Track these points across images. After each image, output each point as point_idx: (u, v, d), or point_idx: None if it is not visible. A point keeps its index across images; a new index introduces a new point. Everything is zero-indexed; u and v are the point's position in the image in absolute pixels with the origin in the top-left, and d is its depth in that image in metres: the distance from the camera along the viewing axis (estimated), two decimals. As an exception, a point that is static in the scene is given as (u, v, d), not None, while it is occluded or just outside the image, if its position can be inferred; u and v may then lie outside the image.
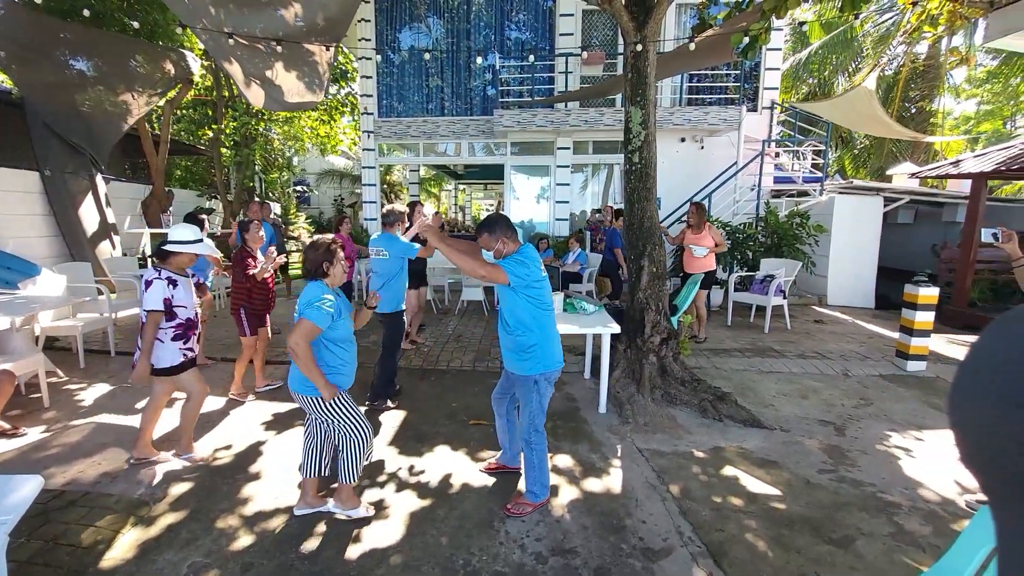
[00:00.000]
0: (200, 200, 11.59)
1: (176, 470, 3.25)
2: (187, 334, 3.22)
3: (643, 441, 3.71)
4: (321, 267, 2.62)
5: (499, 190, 21.70)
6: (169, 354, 3.14)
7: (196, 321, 3.32)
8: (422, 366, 5.24)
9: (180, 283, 3.16)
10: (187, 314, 3.21)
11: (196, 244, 3.22)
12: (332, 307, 2.52)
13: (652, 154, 4.55)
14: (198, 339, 3.55)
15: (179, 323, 3.17)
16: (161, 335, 3.12)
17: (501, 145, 9.82)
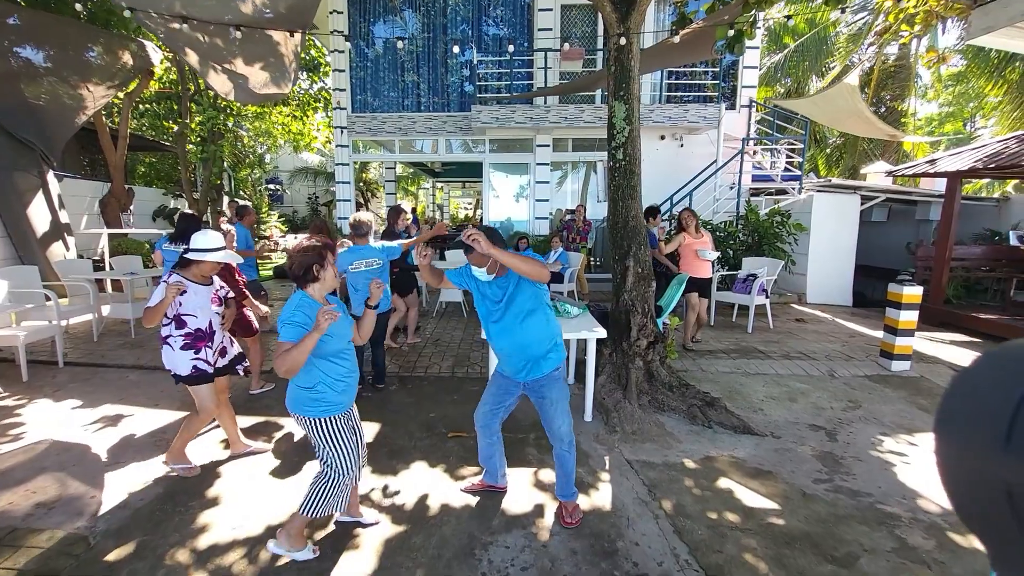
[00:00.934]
0: (165, 199, 11.05)
1: (123, 498, 2.94)
2: (198, 345, 3.01)
3: (632, 451, 3.53)
4: (310, 270, 2.33)
5: (477, 188, 21.46)
6: (181, 362, 2.99)
7: (211, 332, 3.08)
8: (398, 372, 4.98)
9: (191, 290, 2.97)
10: (198, 324, 3.01)
11: (217, 252, 3.02)
12: (301, 321, 2.24)
13: (637, 150, 4.38)
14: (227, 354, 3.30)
15: (188, 332, 2.98)
16: (172, 342, 2.97)
17: (479, 142, 9.58)
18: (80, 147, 10.43)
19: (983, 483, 0.35)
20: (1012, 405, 0.33)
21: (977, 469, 0.36)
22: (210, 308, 3.08)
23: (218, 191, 11.42)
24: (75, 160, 10.57)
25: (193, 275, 3.01)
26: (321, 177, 18.86)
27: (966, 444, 0.37)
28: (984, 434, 0.35)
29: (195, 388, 3.05)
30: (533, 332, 2.55)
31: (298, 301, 2.30)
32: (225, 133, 11.03)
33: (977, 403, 0.37)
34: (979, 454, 0.35)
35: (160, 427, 3.81)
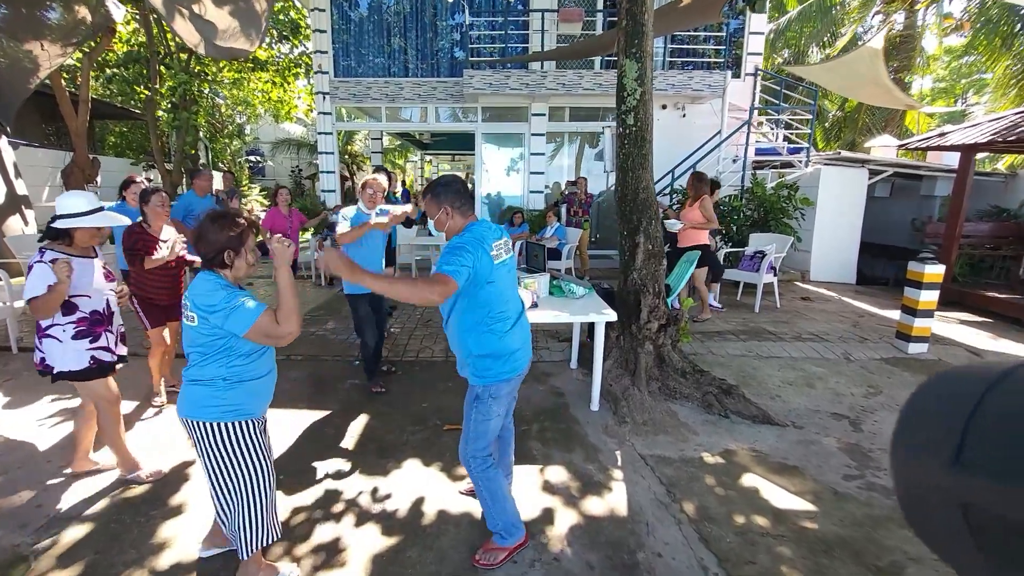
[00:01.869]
0: (135, 169, 10.39)
1: (74, 507, 2.57)
2: (95, 331, 2.52)
3: (645, 445, 3.24)
4: (221, 255, 1.87)
5: (468, 161, 20.79)
6: (72, 355, 2.48)
7: (109, 314, 2.62)
8: (387, 357, 4.62)
9: (75, 266, 2.42)
10: (93, 305, 2.51)
11: (92, 216, 2.47)
12: (243, 295, 1.85)
13: (648, 115, 3.97)
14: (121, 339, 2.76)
15: (81, 317, 2.48)
16: (57, 332, 2.44)
17: (471, 111, 9.04)
18: (41, 114, 9.69)
19: (938, 503, 0.35)
20: (961, 425, 0.33)
21: (931, 489, 0.35)
22: (103, 285, 2.59)
23: (194, 162, 10.77)
24: (36, 129, 9.83)
25: (70, 248, 2.48)
26: (304, 149, 18.08)
27: (919, 464, 0.37)
28: (936, 454, 0.34)
29: (89, 384, 2.55)
30: (452, 332, 2.17)
31: (222, 284, 1.85)
32: (199, 100, 10.33)
33: (928, 424, 0.37)
34: (932, 474, 0.35)
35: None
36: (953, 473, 0.33)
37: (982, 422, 0.33)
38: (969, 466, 0.32)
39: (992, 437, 0.32)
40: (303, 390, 3.97)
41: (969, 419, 0.33)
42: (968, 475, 0.32)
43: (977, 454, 0.32)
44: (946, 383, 0.38)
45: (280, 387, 3.98)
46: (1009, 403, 0.33)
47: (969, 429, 0.33)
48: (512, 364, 2.16)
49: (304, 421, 3.50)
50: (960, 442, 0.33)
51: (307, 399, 3.82)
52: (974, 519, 0.33)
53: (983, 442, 0.32)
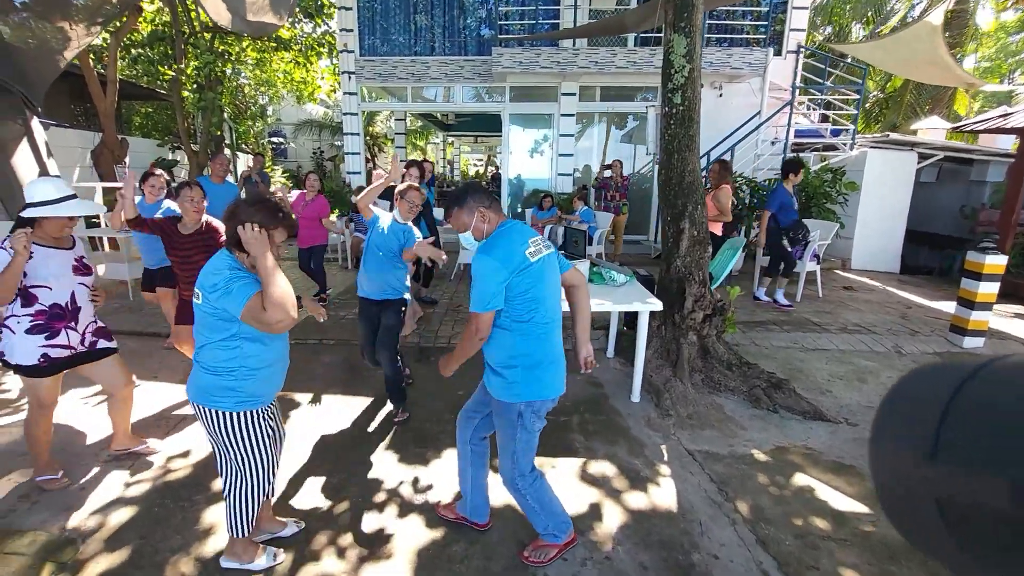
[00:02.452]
0: (161, 150, 10.42)
1: (116, 490, 2.56)
2: (52, 326, 2.35)
3: (691, 440, 3.12)
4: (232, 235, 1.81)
5: (491, 143, 20.52)
6: (22, 350, 2.32)
7: (74, 309, 2.43)
8: (419, 343, 4.55)
9: (39, 254, 2.29)
10: (54, 298, 2.35)
11: (61, 204, 2.30)
12: (244, 275, 1.77)
13: (696, 93, 3.77)
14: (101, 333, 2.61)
15: (40, 310, 2.31)
16: (12, 323, 2.29)
17: (497, 91, 8.81)
18: (71, 95, 9.73)
19: (915, 496, 0.35)
20: (936, 419, 0.33)
21: (908, 483, 0.35)
22: (70, 277, 2.40)
23: (218, 143, 10.76)
24: (66, 110, 9.89)
25: (39, 236, 2.32)
26: (326, 130, 18.01)
27: (896, 459, 0.37)
28: (912, 448, 0.35)
29: (33, 381, 2.39)
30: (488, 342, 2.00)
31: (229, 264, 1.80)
32: (224, 80, 10.27)
33: (905, 418, 0.37)
34: (909, 468, 0.35)
35: (163, 406, 3.42)
36: (929, 467, 0.33)
37: (956, 415, 0.33)
38: (944, 459, 0.32)
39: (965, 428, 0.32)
40: (337, 375, 3.93)
41: (944, 413, 0.33)
42: (943, 468, 0.32)
43: (952, 447, 0.32)
44: (923, 378, 0.38)
45: (314, 371, 3.99)
46: (981, 395, 0.33)
47: (944, 423, 0.33)
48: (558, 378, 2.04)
49: (340, 406, 3.46)
50: (935, 437, 0.33)
51: (342, 384, 3.77)
52: (950, 512, 0.33)
53: (957, 435, 0.32)
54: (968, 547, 0.33)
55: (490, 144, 20.45)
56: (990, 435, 0.31)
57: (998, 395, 0.32)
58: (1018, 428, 0.30)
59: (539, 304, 1.94)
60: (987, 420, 0.32)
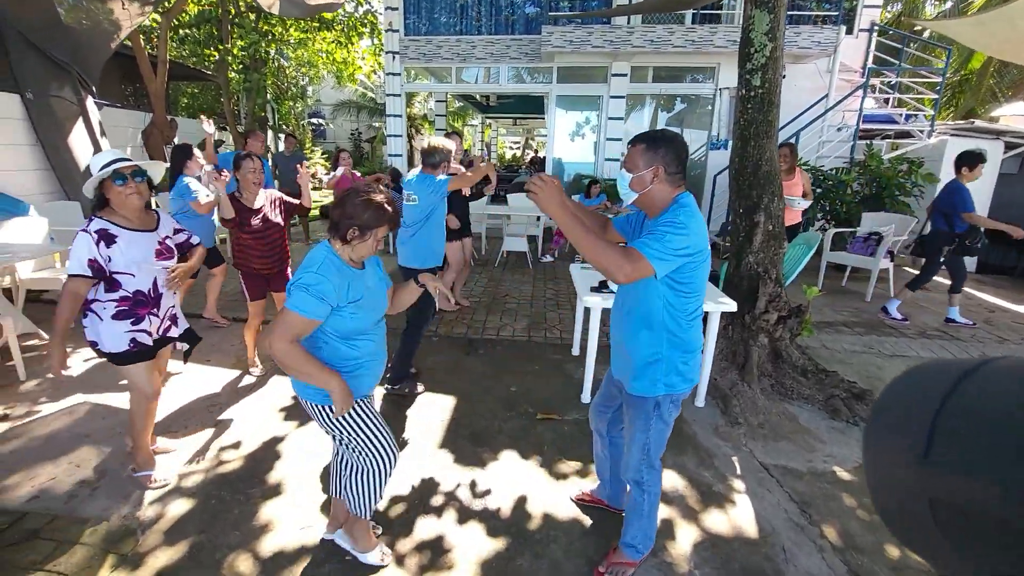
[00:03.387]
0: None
1: (173, 480, 2.52)
2: (137, 312, 2.26)
3: (765, 452, 2.89)
4: (346, 227, 1.68)
5: (528, 126, 20.15)
6: (110, 336, 2.23)
7: (155, 296, 2.32)
8: (466, 334, 4.42)
9: (122, 239, 2.16)
10: (138, 284, 2.24)
11: (118, 162, 2.14)
12: (324, 290, 1.62)
13: (778, 75, 3.45)
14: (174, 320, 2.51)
15: (124, 296, 2.21)
16: (99, 309, 2.21)
17: (543, 72, 8.49)
18: (121, 75, 9.90)
19: (907, 496, 0.35)
20: (930, 419, 0.33)
21: (901, 483, 0.35)
22: (152, 263, 2.28)
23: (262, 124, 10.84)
24: (116, 88, 10.07)
25: (121, 217, 2.19)
26: (364, 112, 17.99)
27: (889, 458, 0.37)
28: (905, 448, 0.34)
29: (127, 369, 2.31)
30: (628, 331, 1.83)
31: (322, 260, 1.67)
32: (267, 61, 10.29)
33: (898, 418, 0.37)
34: (901, 468, 0.35)
35: (213, 391, 3.39)
36: (921, 467, 0.33)
37: (949, 415, 0.33)
38: (936, 460, 0.32)
39: (958, 429, 0.32)
40: (386, 365, 3.83)
41: (937, 413, 0.33)
42: (935, 469, 0.32)
43: (944, 447, 0.32)
44: (918, 376, 0.38)
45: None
46: (975, 396, 0.32)
47: (937, 423, 0.33)
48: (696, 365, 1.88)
49: (389, 399, 3.36)
50: (928, 437, 0.33)
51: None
52: (942, 513, 0.32)
53: (950, 435, 0.32)
54: (960, 548, 0.33)
55: (529, 126, 20.09)
56: (982, 436, 0.31)
57: (992, 396, 0.32)
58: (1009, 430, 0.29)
59: (697, 297, 1.78)
60: (980, 421, 0.31)
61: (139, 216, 2.25)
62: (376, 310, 1.83)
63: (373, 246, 1.74)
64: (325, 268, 1.64)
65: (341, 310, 1.69)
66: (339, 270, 1.68)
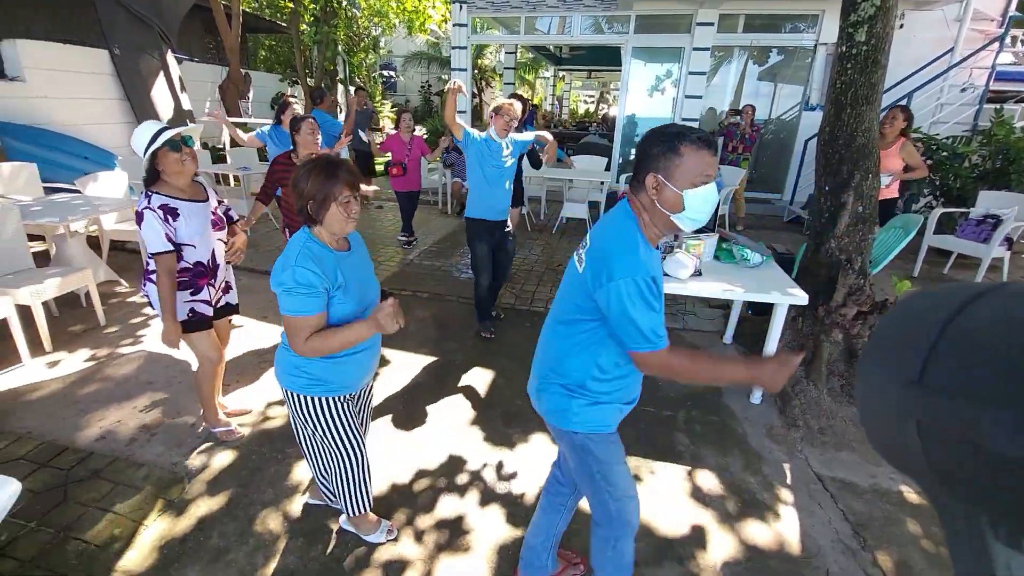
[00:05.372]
0: (281, 85, 10.83)
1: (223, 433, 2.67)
2: (197, 283, 2.31)
3: (822, 462, 2.63)
4: (306, 208, 1.59)
5: (605, 78, 19.07)
6: None
7: (213, 267, 2.37)
8: (513, 304, 4.33)
9: (183, 211, 2.18)
10: (197, 255, 2.28)
11: (164, 132, 2.11)
12: (307, 281, 1.53)
13: (888, 29, 2.92)
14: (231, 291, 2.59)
15: (185, 267, 2.26)
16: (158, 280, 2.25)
17: (622, 20, 7.84)
18: (204, 28, 10.28)
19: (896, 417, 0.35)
20: (928, 344, 0.33)
21: (891, 403, 0.35)
22: (210, 234, 2.31)
23: (332, 77, 10.95)
24: (198, 43, 10.46)
25: (173, 188, 2.18)
26: (435, 63, 17.72)
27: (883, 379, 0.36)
28: (900, 370, 0.34)
29: (189, 337, 2.36)
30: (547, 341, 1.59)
31: (298, 250, 1.56)
32: (339, 11, 10.26)
33: (898, 339, 0.36)
34: (894, 389, 0.35)
35: (266, 346, 3.55)
36: (913, 390, 0.33)
37: (948, 341, 0.32)
38: (929, 385, 0.32)
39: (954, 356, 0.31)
40: (428, 333, 3.84)
41: (937, 338, 0.32)
42: (927, 393, 0.32)
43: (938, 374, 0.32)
44: (921, 302, 0.37)
45: (406, 327, 3.92)
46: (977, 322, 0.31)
47: (935, 349, 0.32)
48: None
49: (428, 369, 3.37)
50: (925, 362, 0.33)
51: (431, 344, 3.67)
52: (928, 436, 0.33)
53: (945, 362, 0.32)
54: (941, 472, 0.33)
55: (604, 79, 19.02)
56: (975, 366, 0.30)
57: (992, 324, 0.30)
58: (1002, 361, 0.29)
59: None
60: (975, 349, 0.30)
61: (191, 186, 2.26)
62: (366, 293, 1.73)
63: (344, 213, 1.59)
64: (301, 258, 1.54)
65: (331, 296, 1.61)
66: (316, 256, 1.57)
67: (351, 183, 1.59)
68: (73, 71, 5.87)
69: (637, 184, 1.30)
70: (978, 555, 0.32)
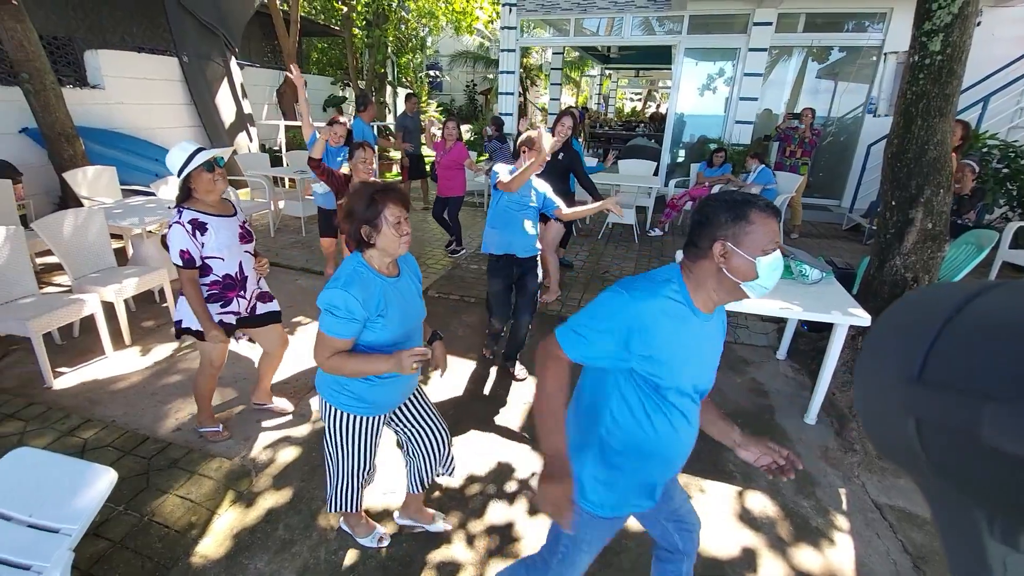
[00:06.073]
0: (334, 88, 11.18)
1: (283, 424, 2.82)
2: (227, 295, 2.42)
3: (881, 489, 2.54)
4: (359, 232, 1.64)
5: (651, 76, 18.72)
6: None
7: (242, 279, 2.46)
8: (559, 311, 4.36)
9: (212, 225, 2.30)
10: (226, 268, 2.38)
11: (200, 154, 2.24)
12: (350, 306, 1.57)
13: (966, 38, 2.77)
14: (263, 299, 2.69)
15: (215, 280, 2.37)
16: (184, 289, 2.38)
17: (675, 20, 7.69)
18: (262, 33, 10.73)
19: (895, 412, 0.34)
20: (929, 340, 0.33)
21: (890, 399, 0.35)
22: (238, 247, 2.41)
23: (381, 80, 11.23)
24: (257, 47, 10.92)
25: (204, 204, 2.30)
26: (480, 63, 17.87)
27: (883, 375, 0.36)
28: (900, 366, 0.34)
29: (208, 345, 2.44)
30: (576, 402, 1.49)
31: (348, 274, 1.61)
32: (389, 15, 10.50)
33: (899, 335, 0.37)
34: (893, 385, 0.35)
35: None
36: (913, 387, 0.33)
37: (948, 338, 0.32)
38: (928, 382, 0.32)
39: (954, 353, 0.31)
40: (475, 339, 3.91)
41: (937, 334, 0.32)
42: (926, 390, 0.32)
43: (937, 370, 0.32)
44: (925, 295, 0.37)
45: (455, 331, 4.01)
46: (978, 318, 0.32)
47: (935, 345, 0.32)
48: None
49: (475, 374, 3.44)
50: (924, 358, 0.32)
51: (478, 350, 3.73)
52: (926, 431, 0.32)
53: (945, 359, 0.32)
54: (939, 469, 0.33)
55: (652, 77, 18.66)
56: (976, 362, 0.30)
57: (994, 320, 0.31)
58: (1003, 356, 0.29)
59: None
60: (976, 345, 0.30)
61: (220, 203, 2.41)
62: (409, 319, 1.76)
63: (396, 233, 1.62)
64: (350, 283, 1.58)
65: (372, 323, 1.64)
66: (365, 283, 1.61)
67: (402, 204, 1.66)
68: (146, 78, 6.27)
69: (696, 251, 1.22)
70: (975, 552, 0.32)
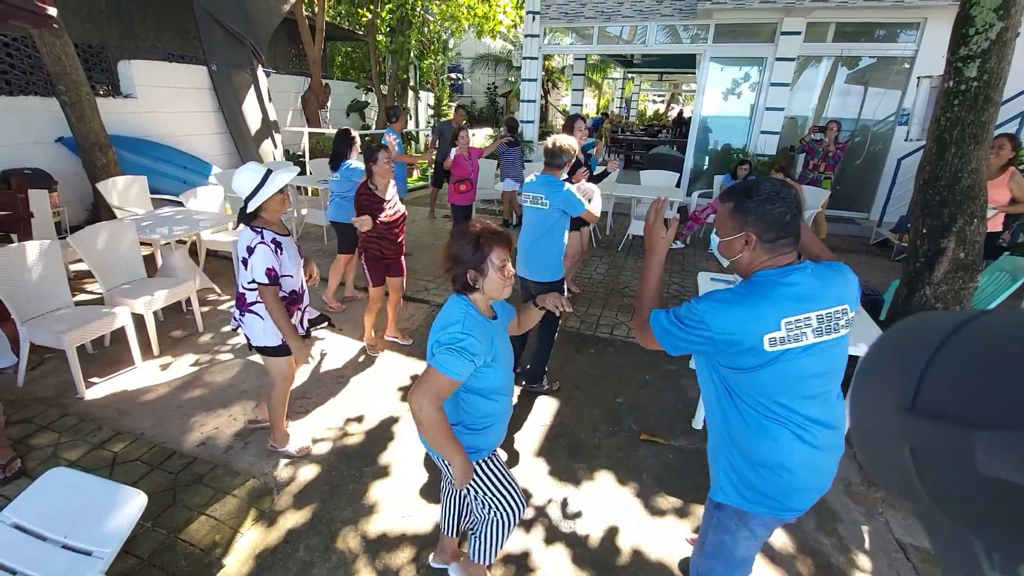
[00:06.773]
0: (357, 93, 11.30)
1: (305, 446, 2.87)
2: (290, 309, 2.54)
3: (904, 527, 2.49)
4: (465, 277, 1.62)
5: (675, 80, 18.53)
6: (269, 333, 2.48)
7: (302, 293, 2.63)
8: (578, 329, 4.35)
9: (284, 245, 2.42)
10: (293, 284, 2.52)
11: (275, 180, 2.31)
12: (473, 349, 1.52)
13: (1004, 63, 2.70)
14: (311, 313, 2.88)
15: (283, 296, 2.48)
16: (260, 310, 2.46)
17: (700, 28, 7.60)
18: (288, 39, 10.91)
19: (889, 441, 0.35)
20: (920, 369, 0.33)
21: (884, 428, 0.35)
22: (299, 263, 2.57)
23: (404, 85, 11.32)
24: (283, 52, 11.09)
25: (273, 225, 2.41)
26: (502, 65, 17.90)
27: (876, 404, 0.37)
28: (893, 396, 0.34)
29: (275, 360, 2.55)
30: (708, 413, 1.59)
31: (463, 316, 1.57)
32: (413, 20, 10.57)
33: (891, 364, 0.37)
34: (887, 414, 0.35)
35: (343, 363, 3.76)
36: (906, 416, 0.33)
37: (940, 366, 0.33)
38: (921, 411, 0.32)
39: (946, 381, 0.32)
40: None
41: (928, 362, 0.33)
42: (920, 419, 0.32)
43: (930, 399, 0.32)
44: (912, 328, 0.38)
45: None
46: (968, 346, 0.32)
47: (927, 374, 0.33)
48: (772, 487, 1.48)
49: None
50: (916, 387, 0.33)
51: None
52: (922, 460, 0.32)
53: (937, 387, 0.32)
54: (936, 497, 0.33)
55: (675, 81, 18.47)
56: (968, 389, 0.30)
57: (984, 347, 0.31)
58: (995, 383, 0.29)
59: None
60: (967, 373, 0.31)
61: (280, 223, 2.50)
62: (510, 362, 1.76)
63: (501, 277, 1.62)
64: (469, 325, 1.54)
65: (484, 368, 1.59)
66: (481, 326, 1.58)
67: (507, 246, 1.65)
68: (176, 87, 6.42)
69: None
70: None
